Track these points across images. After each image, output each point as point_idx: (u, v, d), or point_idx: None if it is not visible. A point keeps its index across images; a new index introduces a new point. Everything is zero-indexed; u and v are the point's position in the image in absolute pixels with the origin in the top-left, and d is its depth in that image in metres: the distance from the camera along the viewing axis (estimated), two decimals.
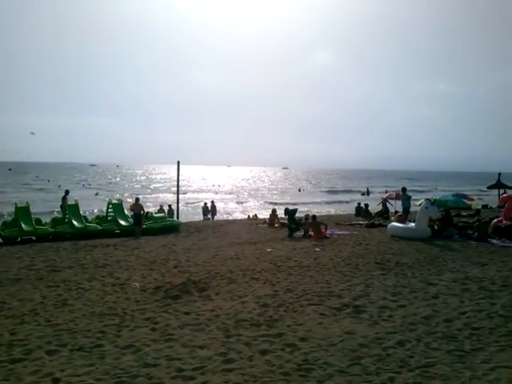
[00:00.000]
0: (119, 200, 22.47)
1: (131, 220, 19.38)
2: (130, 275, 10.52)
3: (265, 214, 26.91)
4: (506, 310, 7.58)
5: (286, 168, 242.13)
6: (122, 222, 19.48)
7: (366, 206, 25.54)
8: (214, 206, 29.43)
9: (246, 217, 27.97)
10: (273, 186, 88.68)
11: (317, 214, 24.27)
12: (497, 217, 18.60)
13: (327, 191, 70.89)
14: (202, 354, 5.80)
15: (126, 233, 18.56)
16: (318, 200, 50.04)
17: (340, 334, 6.49)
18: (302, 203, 43.58)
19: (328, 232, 17.47)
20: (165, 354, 5.83)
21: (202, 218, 28.44)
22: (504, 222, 17.07)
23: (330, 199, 52.62)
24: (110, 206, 20.57)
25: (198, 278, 9.96)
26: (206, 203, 30.08)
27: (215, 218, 28.64)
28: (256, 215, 27.32)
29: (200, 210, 30.83)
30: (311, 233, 16.94)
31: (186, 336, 6.46)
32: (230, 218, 31.22)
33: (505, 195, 23.10)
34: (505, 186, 34.31)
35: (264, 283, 9.56)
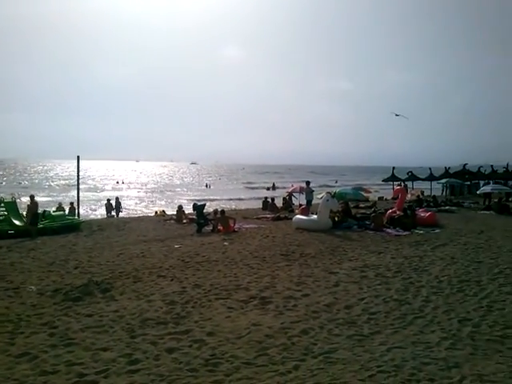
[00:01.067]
0: (13, 198, 20.81)
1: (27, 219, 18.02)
2: (26, 278, 9.78)
3: (172, 210, 26.47)
4: (399, 294, 8.18)
5: (195, 163, 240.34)
6: (17, 222, 18.06)
7: (273, 199, 26.14)
8: (119, 203, 28.38)
9: (153, 213, 27.31)
10: (180, 181, 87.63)
11: (225, 209, 24.48)
12: (391, 208, 19.99)
13: (235, 186, 71.53)
14: (106, 357, 5.56)
15: (20, 233, 17.23)
16: (226, 196, 50.24)
17: (247, 326, 6.58)
18: (211, 198, 43.59)
19: (236, 226, 17.61)
20: (65, 359, 5.50)
21: (105, 216, 27.30)
22: (397, 212, 18.39)
23: (239, 194, 53.06)
24: (2, 205, 18.97)
25: (101, 278, 9.52)
26: (109, 200, 28.83)
27: (120, 215, 27.64)
28: (164, 211, 26.74)
29: (103, 207, 29.57)
30: (220, 227, 16.97)
31: (88, 339, 6.15)
32: (136, 214, 30.26)
33: (398, 188, 24.92)
34: (398, 179, 37.04)
35: (171, 280, 9.40)
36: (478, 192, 31.35)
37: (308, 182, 23.52)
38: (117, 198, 28.94)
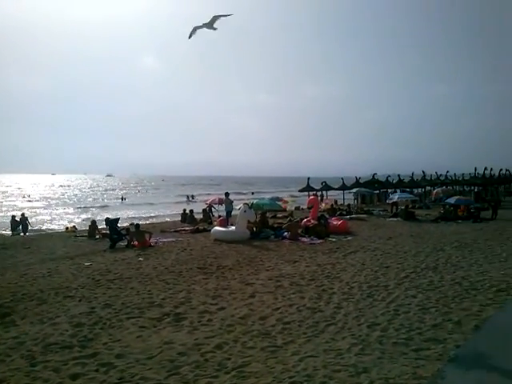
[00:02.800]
0: None
1: None
2: None
3: (85, 226, 25.23)
4: (312, 302, 8.33)
5: (111, 175, 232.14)
6: None
7: (191, 211, 25.81)
8: (26, 219, 26.52)
9: (64, 229, 25.83)
10: (94, 195, 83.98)
11: (141, 222, 23.75)
12: (306, 217, 20.53)
13: (152, 199, 69.79)
14: None
15: None
16: (143, 209, 48.86)
17: (159, 345, 6.33)
18: (126, 212, 42.20)
19: (153, 240, 17.12)
20: None
21: (10, 233, 25.36)
22: (312, 221, 18.92)
23: (156, 207, 51.85)
24: None
25: (1, 302, 8.77)
26: (14, 216, 26.85)
27: (27, 232, 25.83)
28: (75, 227, 25.40)
29: (8, 224, 27.47)
30: (135, 242, 16.40)
31: None
32: (45, 231, 28.45)
33: (312, 197, 25.65)
34: (313, 189, 38.19)
35: (80, 301, 8.86)
36: (387, 201, 33.12)
37: (227, 194, 23.54)
38: (22, 214, 27.03)
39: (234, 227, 17.56)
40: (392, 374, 5.13)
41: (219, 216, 24.41)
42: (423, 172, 44.74)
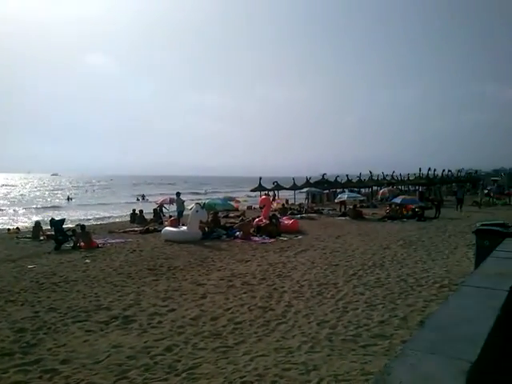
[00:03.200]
0: None
1: None
2: None
3: (28, 227, 24.20)
4: (264, 301, 8.37)
5: (56, 174, 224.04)
6: None
7: (141, 211, 25.31)
8: None
9: (6, 230, 24.65)
10: (38, 194, 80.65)
11: (89, 224, 23.07)
12: (258, 217, 20.63)
13: (101, 199, 67.83)
14: None
15: None
16: (91, 209, 47.37)
17: (107, 349, 6.15)
18: (73, 213, 40.81)
19: (100, 241, 16.67)
20: None
21: None
22: (264, 221, 19.03)
23: (104, 207, 50.43)
24: None
25: None
26: None
27: None
28: (18, 228, 24.33)
29: None
30: (81, 243, 15.88)
31: None
32: None
33: (263, 197, 25.81)
34: (265, 189, 38.47)
35: (22, 305, 8.47)
36: (336, 200, 33.83)
37: (178, 193, 23.27)
38: None
39: (185, 227, 17.38)
40: (341, 370, 5.24)
41: (170, 216, 24.08)
42: (370, 172, 46.14)
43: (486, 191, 38.10)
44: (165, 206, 27.68)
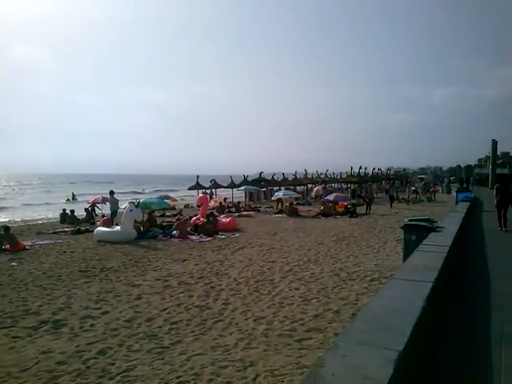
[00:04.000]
0: None
1: None
2: None
3: None
4: (201, 300, 8.32)
5: None
6: None
7: (72, 211, 24.30)
8: None
9: None
10: None
11: (15, 225, 21.84)
12: (195, 215, 20.47)
13: (29, 199, 64.36)
14: None
15: None
16: (17, 210, 44.81)
17: (35, 355, 5.87)
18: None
19: (28, 243, 15.83)
20: None
21: None
22: (201, 219, 18.92)
23: (32, 208, 47.88)
24: None
25: None
26: None
27: None
28: None
29: None
30: (7, 246, 15.00)
31: None
32: None
33: (201, 195, 25.67)
34: (202, 187, 38.22)
35: None
36: (272, 198, 34.28)
37: (112, 192, 22.55)
38: None
39: (119, 227, 16.90)
40: (277, 365, 5.32)
41: (103, 216, 23.31)
42: (305, 171, 47.16)
43: (413, 188, 40.12)
44: (97, 205, 26.76)
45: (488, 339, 4.29)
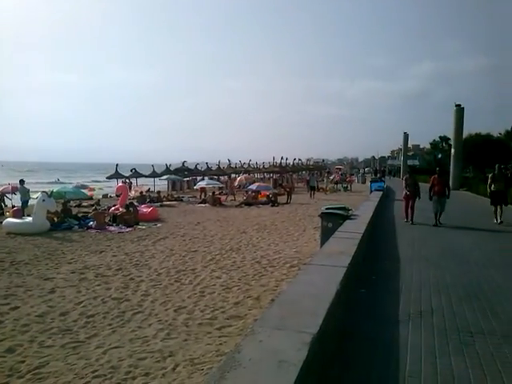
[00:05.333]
0: None
1: None
2: None
3: None
4: (119, 292, 8.07)
5: None
6: None
7: None
8: None
9: None
10: None
11: None
12: (114, 205, 19.80)
13: None
14: None
15: None
16: None
17: None
18: None
19: None
20: None
21: None
22: (120, 209, 18.33)
23: None
24: None
25: None
26: None
27: None
28: None
29: None
30: None
31: None
32: None
33: (120, 185, 24.88)
34: (122, 176, 37.06)
35: None
36: (195, 187, 34.03)
37: (22, 181, 21.15)
38: None
39: (30, 218, 15.92)
40: (197, 353, 5.31)
41: (13, 206, 21.84)
42: (229, 160, 47.33)
43: (331, 178, 41.68)
44: (7, 195, 25.03)
45: (396, 320, 4.57)
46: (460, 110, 26.93)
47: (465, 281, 6.16)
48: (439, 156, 60.26)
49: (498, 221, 12.44)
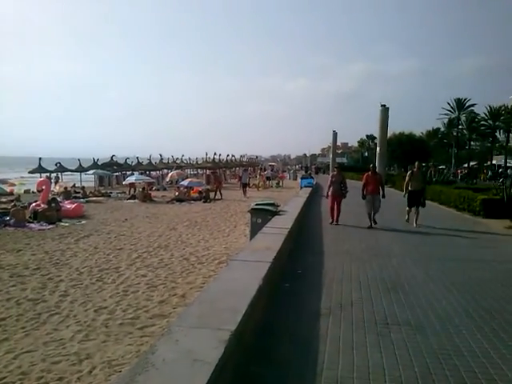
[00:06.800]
0: None
1: None
2: None
3: None
4: (35, 293, 7.61)
5: None
6: None
7: None
8: None
9: None
10: None
11: None
12: (36, 201, 18.72)
13: None
14: None
15: None
16: None
17: None
18: None
19: None
20: None
21: None
22: (42, 205, 17.36)
23: None
24: None
25: None
26: None
27: None
28: None
29: None
30: None
31: None
32: None
33: (42, 180, 23.62)
34: (46, 171, 35.19)
35: None
36: (124, 183, 33.02)
37: None
38: None
39: None
40: (116, 355, 5.09)
41: None
42: (160, 155, 46.39)
43: (263, 175, 42.07)
44: None
45: (318, 313, 4.62)
46: (385, 110, 28.05)
47: (384, 274, 6.37)
48: (366, 154, 62.76)
49: (414, 225, 11.27)
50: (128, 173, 39.65)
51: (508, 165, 55.41)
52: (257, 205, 10.59)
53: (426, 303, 5.02)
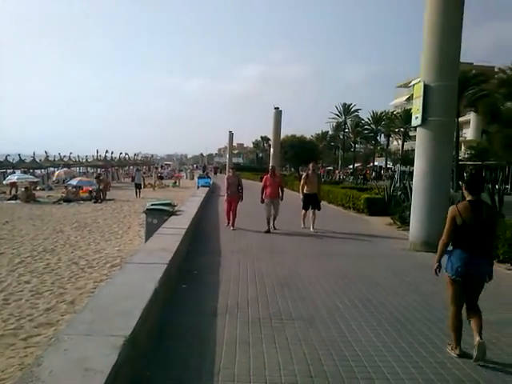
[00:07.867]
0: None
1: None
2: None
3: None
4: None
5: None
6: None
7: None
8: None
9: None
10: None
11: None
12: None
13: None
14: None
15: None
16: None
17: None
18: None
19: None
20: None
21: None
22: None
23: None
24: None
25: None
26: None
27: None
28: None
29: None
30: None
31: None
32: None
33: None
34: None
35: None
36: (4, 182, 30.37)
37: None
38: None
39: None
40: None
41: None
42: (46, 153, 43.35)
43: (159, 174, 41.28)
44: None
45: (215, 313, 4.63)
46: (278, 113, 28.97)
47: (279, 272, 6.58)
48: (260, 155, 64.37)
49: (312, 230, 10.85)
50: (9, 171, 36.46)
51: (388, 166, 60.45)
52: (152, 205, 10.36)
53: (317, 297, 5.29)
